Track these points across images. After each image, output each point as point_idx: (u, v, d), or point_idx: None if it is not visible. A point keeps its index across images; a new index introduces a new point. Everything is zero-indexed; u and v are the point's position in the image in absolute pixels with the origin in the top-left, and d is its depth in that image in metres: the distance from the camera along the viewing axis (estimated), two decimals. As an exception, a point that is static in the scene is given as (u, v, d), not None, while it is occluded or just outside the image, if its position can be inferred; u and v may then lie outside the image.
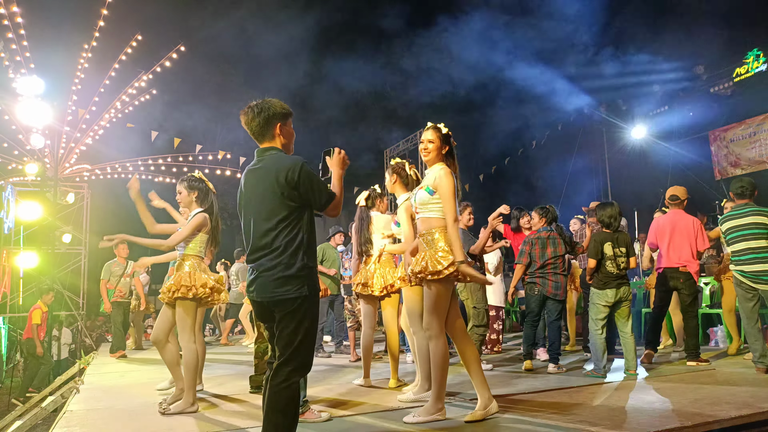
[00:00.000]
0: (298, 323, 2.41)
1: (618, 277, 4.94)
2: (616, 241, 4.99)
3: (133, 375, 6.25)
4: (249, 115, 2.64)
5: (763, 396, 3.58)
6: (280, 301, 2.42)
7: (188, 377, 3.89)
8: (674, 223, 5.57)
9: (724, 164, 13.10)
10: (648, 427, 2.85)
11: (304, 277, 2.44)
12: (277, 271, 2.43)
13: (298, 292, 2.41)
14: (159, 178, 14.67)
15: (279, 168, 2.50)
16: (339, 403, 3.95)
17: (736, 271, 4.84)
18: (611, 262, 4.94)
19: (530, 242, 5.52)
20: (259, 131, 2.63)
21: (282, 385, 2.36)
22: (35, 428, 5.11)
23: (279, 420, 2.34)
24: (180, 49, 13.02)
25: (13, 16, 10.57)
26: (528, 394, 3.96)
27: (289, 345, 2.40)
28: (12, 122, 11.65)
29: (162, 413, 3.77)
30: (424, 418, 3.17)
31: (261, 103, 2.64)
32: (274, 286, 2.43)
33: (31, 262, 11.72)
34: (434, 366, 3.24)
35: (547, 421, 3.12)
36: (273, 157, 2.58)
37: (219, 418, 3.63)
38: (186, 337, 3.94)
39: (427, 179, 3.39)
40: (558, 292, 5.31)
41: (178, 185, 4.21)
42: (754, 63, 11.78)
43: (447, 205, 3.21)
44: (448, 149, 3.42)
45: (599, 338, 4.87)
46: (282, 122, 2.64)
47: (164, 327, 4.21)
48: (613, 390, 4.08)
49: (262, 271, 2.47)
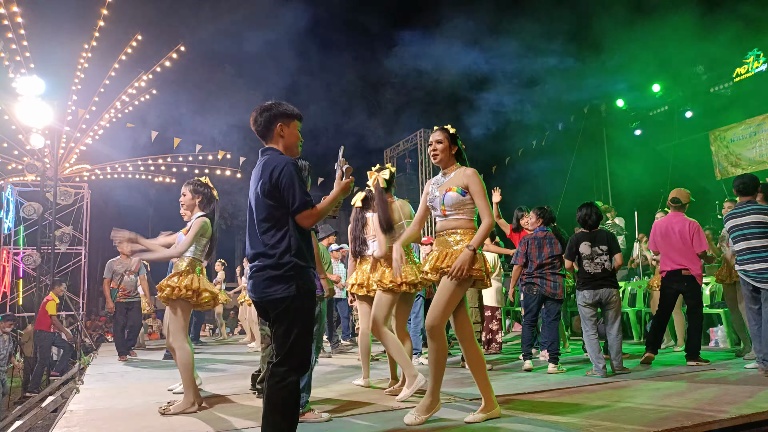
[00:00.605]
0: (290, 323, 2.40)
1: (598, 278, 4.90)
2: (593, 240, 4.97)
3: (133, 375, 6.25)
4: (254, 115, 2.67)
5: (764, 396, 3.58)
6: (270, 301, 2.44)
7: (185, 377, 3.90)
8: (672, 226, 5.55)
9: (724, 164, 13.10)
10: (648, 427, 2.85)
11: (292, 276, 2.43)
12: (266, 271, 2.45)
13: (286, 292, 2.41)
14: (159, 178, 14.68)
15: (267, 167, 2.51)
16: (339, 404, 3.95)
17: (740, 271, 4.81)
18: (589, 261, 4.94)
19: (526, 242, 5.53)
20: (261, 131, 2.66)
21: (278, 385, 2.36)
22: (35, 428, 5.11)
23: (277, 420, 2.34)
24: (180, 49, 13.03)
25: (13, 16, 10.58)
26: (528, 394, 3.96)
27: (283, 345, 2.40)
28: (12, 122, 11.66)
29: (162, 413, 3.77)
30: (425, 416, 3.17)
31: (269, 104, 2.67)
32: (264, 286, 2.44)
33: (31, 262, 11.72)
34: (433, 363, 3.23)
35: (547, 421, 3.12)
36: (267, 157, 2.60)
37: (219, 418, 3.63)
38: (180, 338, 3.97)
39: (452, 180, 3.37)
40: (557, 292, 5.33)
41: (184, 187, 4.23)
42: (754, 63, 11.77)
43: (484, 203, 3.27)
44: (457, 149, 3.46)
45: (592, 339, 4.87)
46: (284, 123, 2.64)
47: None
48: (613, 390, 4.08)
49: (255, 271, 2.50)
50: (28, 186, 12.58)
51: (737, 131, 12.87)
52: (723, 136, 13.17)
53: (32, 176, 10.98)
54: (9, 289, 12.03)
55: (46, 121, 10.60)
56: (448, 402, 3.82)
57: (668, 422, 2.92)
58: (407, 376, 3.99)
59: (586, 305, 4.96)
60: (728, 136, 13.06)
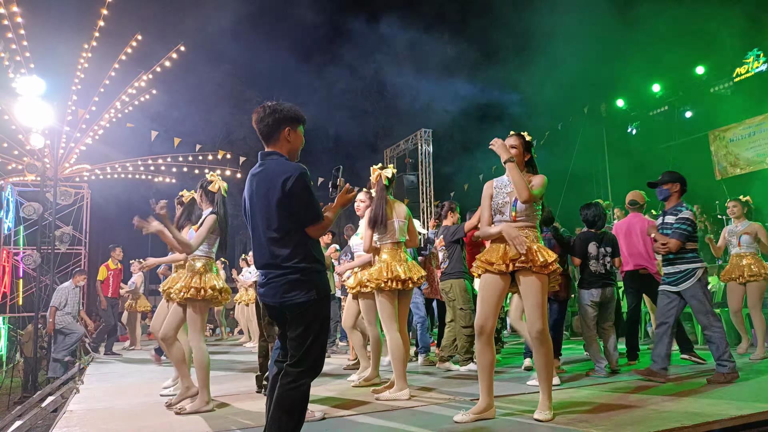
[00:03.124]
0: (308, 325, 2.42)
1: (603, 277, 5.02)
2: (600, 241, 5.08)
3: (133, 375, 6.25)
4: (260, 114, 2.60)
5: (764, 396, 3.58)
6: (291, 306, 2.43)
7: (201, 377, 3.89)
8: (630, 226, 5.74)
9: (723, 164, 13.10)
10: (648, 427, 2.85)
11: (311, 281, 2.45)
12: (285, 277, 2.44)
13: (306, 296, 2.42)
14: (159, 178, 14.68)
15: (278, 174, 2.47)
16: (336, 403, 3.95)
17: None
18: (595, 261, 5.03)
19: None
20: (267, 132, 2.59)
21: (291, 386, 2.37)
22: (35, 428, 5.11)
23: (283, 419, 2.35)
24: (180, 49, 13.02)
25: (13, 16, 10.57)
26: (528, 395, 3.96)
27: (300, 347, 2.41)
28: (12, 122, 11.65)
29: (177, 413, 3.78)
30: (474, 416, 3.16)
31: (275, 104, 2.61)
32: (283, 291, 2.43)
33: (31, 262, 11.71)
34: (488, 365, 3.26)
35: (548, 420, 3.11)
36: (274, 162, 2.56)
37: (219, 417, 3.63)
38: (197, 337, 3.95)
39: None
40: (559, 293, 5.31)
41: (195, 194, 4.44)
42: (754, 63, 11.77)
43: (536, 185, 3.34)
44: (529, 157, 3.49)
45: (594, 339, 4.93)
46: (291, 127, 2.61)
47: (174, 324, 4.24)
48: (613, 390, 4.08)
49: (271, 277, 2.48)
50: (28, 186, 12.57)
51: (737, 131, 12.87)
52: (722, 136, 13.17)
53: (32, 176, 10.97)
54: (9, 289, 12.03)
55: (46, 121, 10.58)
56: (448, 402, 3.82)
57: (668, 422, 2.92)
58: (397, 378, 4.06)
59: (593, 305, 4.98)
60: (728, 136, 13.06)
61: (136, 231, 3.87)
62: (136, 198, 18.76)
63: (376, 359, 4.78)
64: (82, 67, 12.36)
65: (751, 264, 5.76)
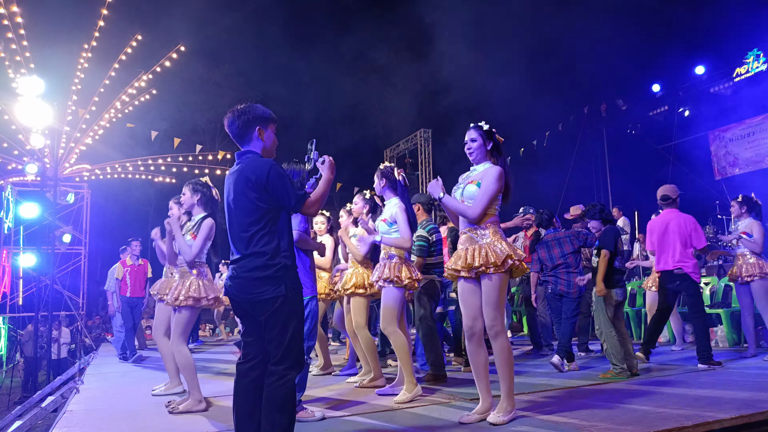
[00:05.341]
0: (284, 323, 2.46)
1: (623, 274, 4.99)
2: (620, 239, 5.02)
3: (133, 375, 6.25)
4: (230, 118, 2.66)
5: (764, 396, 3.58)
6: (259, 302, 2.46)
7: (189, 379, 3.93)
8: (666, 223, 5.39)
9: (723, 164, 13.11)
10: (648, 427, 2.85)
11: (281, 277, 2.47)
12: (255, 272, 2.47)
13: (274, 293, 2.45)
14: (159, 178, 14.66)
15: (250, 170, 2.53)
16: (336, 403, 3.95)
17: None
18: (620, 258, 4.92)
19: (536, 249, 5.60)
20: (238, 134, 2.65)
21: (278, 383, 2.40)
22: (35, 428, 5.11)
23: (276, 417, 2.38)
24: (180, 49, 13.02)
25: (13, 16, 10.56)
26: (527, 394, 3.96)
27: (280, 345, 2.45)
28: (12, 122, 11.64)
29: (170, 412, 3.80)
30: (507, 417, 3.11)
31: (244, 106, 2.66)
32: (253, 286, 2.47)
33: (31, 262, 11.71)
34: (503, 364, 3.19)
35: (548, 421, 3.12)
36: (247, 160, 2.61)
37: (219, 417, 3.63)
38: (178, 341, 3.99)
39: (477, 174, 3.34)
40: (570, 291, 5.28)
41: (185, 187, 4.26)
42: (754, 63, 11.78)
43: (481, 198, 3.21)
44: (492, 145, 3.42)
45: (615, 339, 4.69)
46: (262, 126, 2.65)
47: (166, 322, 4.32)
48: (614, 390, 4.08)
49: (242, 272, 2.51)
50: (28, 186, 12.56)
51: (736, 131, 12.88)
52: (722, 136, 13.18)
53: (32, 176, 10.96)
54: (9, 289, 12.02)
55: (46, 121, 10.58)
56: (448, 402, 3.82)
57: (668, 422, 2.92)
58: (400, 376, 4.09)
59: (617, 304, 4.85)
60: (727, 136, 13.07)
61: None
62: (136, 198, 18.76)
63: (375, 360, 4.72)
64: (82, 67, 12.34)
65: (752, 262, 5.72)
